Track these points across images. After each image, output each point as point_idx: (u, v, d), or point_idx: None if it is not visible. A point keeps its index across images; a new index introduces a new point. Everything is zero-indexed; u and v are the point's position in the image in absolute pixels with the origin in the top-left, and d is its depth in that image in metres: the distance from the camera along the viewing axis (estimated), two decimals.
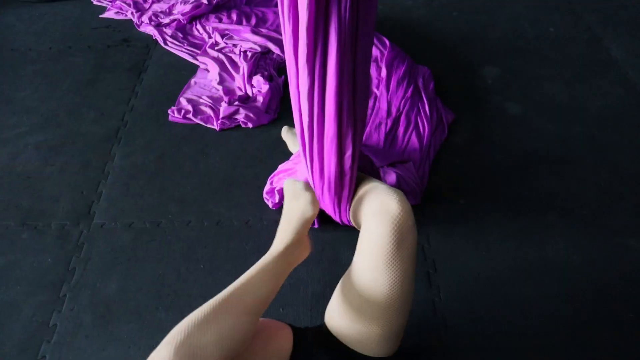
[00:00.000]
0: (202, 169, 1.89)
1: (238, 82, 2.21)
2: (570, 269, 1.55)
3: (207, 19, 2.62)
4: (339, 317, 1.12)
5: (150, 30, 2.58)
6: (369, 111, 2.01)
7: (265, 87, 2.13)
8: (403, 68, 2.14)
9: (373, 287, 1.05)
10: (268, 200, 1.72)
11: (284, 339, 1.11)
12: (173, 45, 2.48)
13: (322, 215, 1.56)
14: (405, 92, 2.04)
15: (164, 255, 1.62)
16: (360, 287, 1.07)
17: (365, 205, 1.15)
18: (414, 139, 1.89)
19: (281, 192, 1.69)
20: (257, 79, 2.17)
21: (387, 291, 1.04)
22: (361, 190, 1.25)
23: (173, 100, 2.17)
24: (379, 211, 1.05)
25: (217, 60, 2.32)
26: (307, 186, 1.25)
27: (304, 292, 1.50)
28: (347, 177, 1.26)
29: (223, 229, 1.68)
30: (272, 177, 1.73)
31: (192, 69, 2.35)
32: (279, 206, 1.70)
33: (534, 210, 1.72)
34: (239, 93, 2.15)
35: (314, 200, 1.19)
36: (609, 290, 1.50)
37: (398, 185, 1.68)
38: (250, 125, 2.04)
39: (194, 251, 1.63)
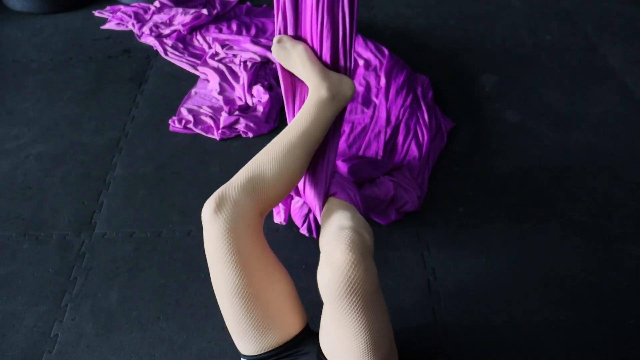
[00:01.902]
0: (202, 179, 1.90)
1: (238, 92, 2.22)
2: (570, 276, 1.55)
3: (207, 30, 2.64)
4: (324, 345, 1.12)
5: (150, 41, 2.60)
6: (368, 120, 2.02)
7: (265, 97, 2.15)
8: (402, 77, 2.15)
9: (341, 338, 1.01)
10: (276, 214, 1.73)
11: (298, 320, 1.17)
12: (173, 56, 2.50)
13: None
14: (405, 100, 2.06)
15: (165, 264, 1.63)
16: (331, 337, 1.06)
17: (321, 237, 1.17)
18: (413, 147, 1.90)
19: (287, 211, 1.69)
20: (257, 89, 2.18)
21: (354, 342, 0.98)
22: (324, 219, 1.26)
23: (174, 110, 2.19)
24: (326, 260, 0.97)
25: (217, 70, 2.34)
26: (291, 40, 1.27)
27: (304, 301, 1.50)
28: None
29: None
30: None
31: (193, 79, 2.37)
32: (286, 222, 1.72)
33: (533, 217, 1.73)
34: (239, 103, 2.17)
35: (299, 42, 1.26)
36: (609, 296, 1.50)
37: (396, 193, 1.68)
38: (250, 134, 2.05)
39: (195, 260, 1.63)
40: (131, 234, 1.72)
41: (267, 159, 1.19)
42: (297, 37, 1.28)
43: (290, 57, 1.26)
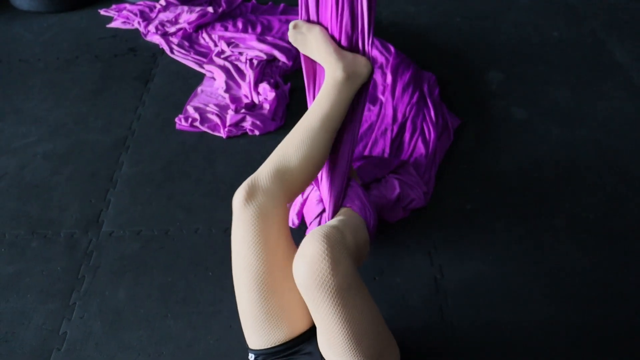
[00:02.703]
0: (209, 177, 1.90)
1: (244, 90, 2.22)
2: (577, 274, 1.55)
3: (213, 28, 2.64)
4: (320, 343, 1.13)
5: (156, 39, 2.60)
6: (374, 117, 2.02)
7: (271, 95, 2.15)
8: (408, 74, 2.15)
9: (324, 333, 1.03)
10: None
11: (307, 319, 1.17)
12: (179, 54, 2.50)
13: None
14: (411, 98, 2.05)
15: (172, 262, 1.63)
16: (320, 333, 1.07)
17: None
18: (420, 144, 1.90)
19: (300, 215, 1.69)
20: (263, 87, 2.19)
21: (334, 338, 1.00)
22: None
23: (180, 108, 2.19)
24: (298, 252, 1.00)
25: (223, 68, 2.34)
26: (307, 24, 1.28)
27: None
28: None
29: (231, 237, 1.69)
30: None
31: (199, 78, 2.37)
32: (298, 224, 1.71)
33: (540, 214, 1.72)
34: (245, 101, 2.17)
35: (314, 25, 1.27)
36: (616, 294, 1.50)
37: (402, 192, 1.68)
38: (257, 132, 2.05)
39: (202, 258, 1.64)
40: (138, 232, 1.73)
41: (292, 147, 1.22)
42: (315, 22, 1.30)
43: (307, 40, 1.27)
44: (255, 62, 2.33)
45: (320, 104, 1.25)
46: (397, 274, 1.57)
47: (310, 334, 1.18)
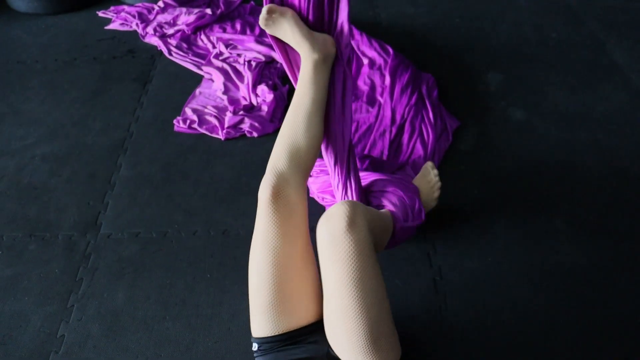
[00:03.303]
0: (207, 179, 1.89)
1: (243, 92, 2.22)
2: (577, 274, 1.55)
3: (211, 29, 2.64)
4: (327, 332, 1.15)
5: (155, 41, 2.60)
6: (373, 119, 2.02)
7: (269, 97, 2.14)
8: (407, 75, 2.15)
9: (336, 318, 1.08)
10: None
11: (315, 310, 1.21)
12: (178, 56, 2.50)
13: None
14: (409, 99, 2.05)
15: (170, 265, 1.62)
16: (331, 319, 1.11)
17: None
18: (418, 146, 1.89)
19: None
20: (262, 89, 2.18)
21: (347, 318, 1.05)
22: None
23: (178, 110, 2.19)
24: (322, 216, 1.10)
25: (221, 70, 2.34)
26: (280, 8, 1.32)
27: None
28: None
29: (229, 238, 1.69)
30: None
31: (197, 79, 2.37)
32: None
33: (540, 215, 1.72)
34: (243, 102, 2.17)
35: (286, 9, 1.32)
36: (616, 295, 1.49)
37: (402, 204, 1.67)
38: (255, 134, 2.05)
39: (200, 260, 1.63)
40: (137, 235, 1.72)
41: (299, 133, 1.29)
42: (284, 3, 1.34)
43: (279, 25, 1.32)
44: (253, 63, 2.33)
45: (307, 91, 1.31)
46: (396, 275, 1.56)
47: (315, 327, 1.19)
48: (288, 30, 1.31)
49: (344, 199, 1.42)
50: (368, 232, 1.07)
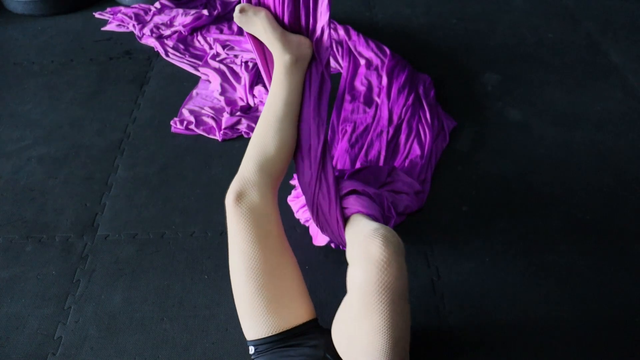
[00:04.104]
0: (205, 180, 1.89)
1: (240, 93, 2.22)
2: (574, 274, 1.55)
3: (208, 30, 2.64)
4: (339, 343, 1.12)
5: (151, 42, 2.60)
6: (370, 119, 2.02)
7: (266, 97, 2.14)
8: (404, 76, 2.15)
9: (361, 335, 1.01)
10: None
11: (306, 308, 1.22)
12: (174, 57, 2.50)
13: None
14: (406, 100, 2.05)
15: (168, 266, 1.62)
16: (350, 332, 1.06)
17: (350, 248, 1.15)
18: (415, 146, 1.90)
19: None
20: (259, 89, 2.18)
21: (375, 340, 0.99)
22: (350, 232, 1.27)
23: (175, 111, 2.19)
24: (361, 256, 0.99)
25: (218, 71, 2.33)
26: (253, 8, 1.32)
27: None
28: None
29: (227, 240, 1.68)
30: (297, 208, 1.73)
31: (194, 80, 2.37)
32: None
33: (537, 216, 1.72)
34: (240, 103, 2.17)
35: (261, 8, 1.32)
36: (613, 295, 1.50)
37: (393, 201, 1.66)
38: (252, 135, 2.04)
39: (198, 262, 1.63)
40: (134, 236, 1.72)
41: (267, 138, 1.28)
42: (261, 3, 1.34)
43: (253, 23, 1.32)
44: (250, 64, 2.32)
45: (278, 92, 1.31)
46: None
47: (310, 325, 1.20)
48: (261, 30, 1.31)
49: (317, 193, 1.35)
50: (406, 266, 1.04)
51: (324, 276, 1.56)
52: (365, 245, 0.99)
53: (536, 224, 1.70)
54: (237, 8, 1.32)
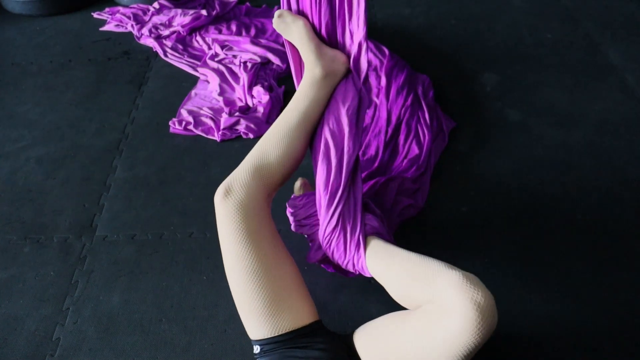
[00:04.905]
0: (203, 180, 1.89)
1: (238, 93, 2.22)
2: (573, 275, 1.55)
3: (207, 31, 2.63)
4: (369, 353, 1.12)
5: (150, 42, 2.59)
6: (369, 120, 2.02)
7: (265, 98, 2.14)
8: (402, 76, 2.15)
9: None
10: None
11: (309, 309, 1.21)
12: (173, 57, 2.49)
13: None
14: (405, 100, 2.05)
15: (166, 267, 1.62)
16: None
17: (426, 286, 1.04)
18: (414, 147, 1.89)
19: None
20: (258, 90, 2.18)
21: None
22: (398, 266, 1.17)
23: (174, 111, 2.18)
24: (456, 304, 0.91)
25: (217, 71, 2.33)
26: (291, 15, 1.30)
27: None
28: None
29: None
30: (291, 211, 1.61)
31: (193, 81, 2.37)
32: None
33: (536, 216, 1.72)
34: (239, 104, 2.16)
35: (299, 17, 1.29)
36: (614, 296, 1.49)
37: (398, 195, 1.66)
38: (251, 135, 2.05)
39: (196, 262, 1.63)
40: (132, 237, 1.71)
41: (270, 144, 1.25)
42: (299, 11, 1.31)
43: (290, 31, 1.29)
44: (249, 65, 2.32)
45: (299, 102, 1.28)
46: None
47: (316, 326, 1.18)
48: (297, 38, 1.28)
49: (343, 206, 1.28)
50: None
51: (325, 277, 1.56)
52: (459, 289, 0.93)
53: (535, 224, 1.69)
54: (276, 14, 1.29)
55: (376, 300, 1.49)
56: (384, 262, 1.21)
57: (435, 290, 0.98)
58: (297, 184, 1.72)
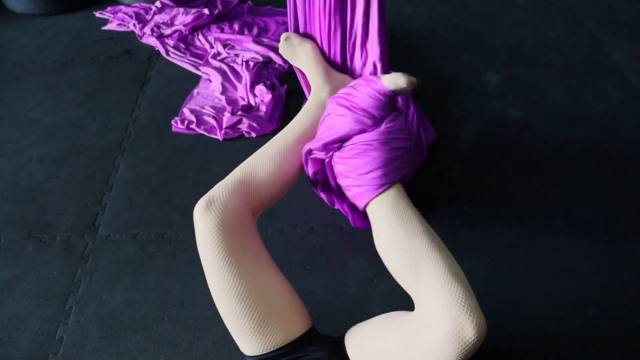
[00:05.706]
0: (206, 180, 1.89)
1: (241, 92, 2.22)
2: (576, 275, 1.55)
3: (209, 30, 2.63)
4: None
5: (152, 41, 2.59)
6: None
7: (267, 97, 2.14)
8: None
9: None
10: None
11: (301, 320, 1.15)
12: (175, 56, 2.49)
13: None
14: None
15: (169, 266, 1.62)
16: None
17: (420, 285, 1.03)
18: None
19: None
20: (260, 89, 2.18)
21: None
22: (413, 266, 1.08)
23: (176, 111, 2.18)
24: (446, 331, 0.90)
25: (219, 70, 2.33)
26: (299, 38, 1.28)
27: (309, 302, 1.50)
28: None
29: None
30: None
31: (195, 80, 2.36)
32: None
33: (538, 215, 1.72)
34: (241, 103, 2.16)
35: (307, 40, 1.27)
36: (616, 295, 1.49)
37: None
38: (253, 134, 2.04)
39: (199, 261, 1.61)
40: (135, 236, 1.72)
41: (261, 161, 1.21)
42: (306, 34, 1.28)
43: (297, 54, 1.27)
44: (251, 64, 2.32)
45: (299, 122, 1.23)
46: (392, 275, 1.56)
47: (309, 335, 1.16)
48: (304, 62, 1.25)
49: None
50: None
51: (325, 277, 1.56)
52: (454, 317, 0.91)
53: (537, 223, 1.69)
54: (282, 37, 1.27)
55: (376, 300, 1.49)
56: (387, 223, 1.15)
57: (428, 300, 0.97)
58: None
